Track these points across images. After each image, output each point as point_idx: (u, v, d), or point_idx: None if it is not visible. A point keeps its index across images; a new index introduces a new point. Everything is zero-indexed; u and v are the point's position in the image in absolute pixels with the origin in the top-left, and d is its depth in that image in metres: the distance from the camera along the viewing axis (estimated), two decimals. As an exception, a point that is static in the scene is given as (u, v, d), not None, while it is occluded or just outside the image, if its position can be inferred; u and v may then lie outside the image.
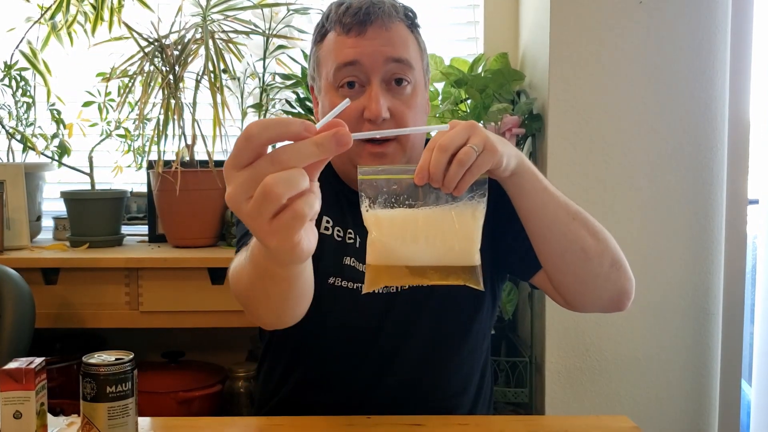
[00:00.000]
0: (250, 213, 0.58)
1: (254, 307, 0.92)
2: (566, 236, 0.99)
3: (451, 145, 0.82)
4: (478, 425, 1.04)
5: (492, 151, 0.85)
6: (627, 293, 1.07)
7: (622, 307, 1.08)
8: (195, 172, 1.76)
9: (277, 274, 0.77)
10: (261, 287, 0.83)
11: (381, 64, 1.05)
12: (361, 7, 1.06)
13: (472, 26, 2.20)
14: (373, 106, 1.04)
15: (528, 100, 1.84)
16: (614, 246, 1.04)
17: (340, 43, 1.07)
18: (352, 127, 1.04)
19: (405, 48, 1.08)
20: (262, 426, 1.07)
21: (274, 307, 0.89)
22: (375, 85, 1.05)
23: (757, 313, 1.95)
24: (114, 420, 0.88)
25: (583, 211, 1.01)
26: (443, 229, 0.85)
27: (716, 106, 1.75)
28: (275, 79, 1.93)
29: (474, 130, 0.85)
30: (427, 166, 0.81)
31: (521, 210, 0.99)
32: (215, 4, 1.73)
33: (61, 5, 1.88)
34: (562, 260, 1.02)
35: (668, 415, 1.79)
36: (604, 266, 1.02)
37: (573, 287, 1.05)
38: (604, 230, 1.03)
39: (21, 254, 1.79)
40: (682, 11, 1.73)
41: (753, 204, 1.88)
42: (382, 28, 1.06)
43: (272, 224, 0.58)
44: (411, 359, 1.13)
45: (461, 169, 0.81)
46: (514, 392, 1.84)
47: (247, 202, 0.57)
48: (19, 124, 1.99)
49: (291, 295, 0.85)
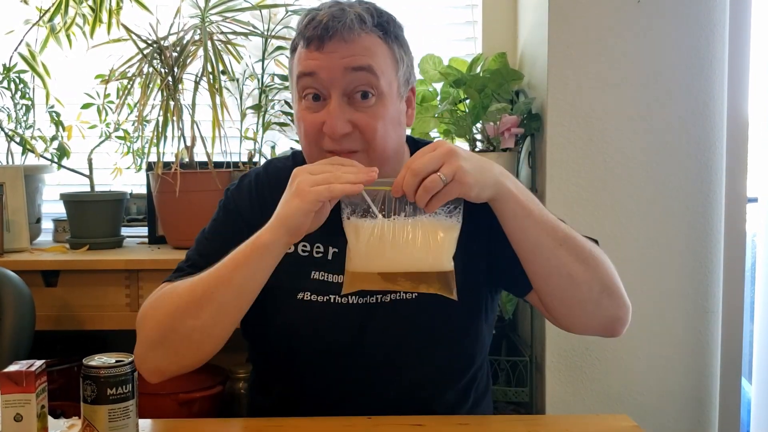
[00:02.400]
0: (305, 177, 0.92)
1: (202, 315, 0.99)
2: (550, 261, 1.00)
3: (422, 171, 0.89)
4: (478, 425, 1.04)
5: (461, 182, 0.89)
6: (620, 320, 1.07)
7: (616, 333, 1.08)
8: (194, 174, 1.76)
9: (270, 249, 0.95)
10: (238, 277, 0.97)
11: (339, 76, 1.02)
12: (322, 20, 1.02)
13: (470, 26, 2.20)
14: (330, 122, 1.02)
15: (527, 100, 1.84)
16: (606, 272, 1.03)
17: (303, 55, 1.05)
18: (314, 140, 1.07)
19: (369, 57, 1.03)
20: (261, 427, 1.07)
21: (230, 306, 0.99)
22: (334, 99, 1.02)
23: (756, 311, 1.95)
24: (115, 422, 0.88)
25: (574, 236, 1.00)
26: (417, 239, 0.92)
27: (715, 104, 1.75)
28: (274, 81, 1.93)
29: (449, 158, 0.90)
30: (401, 185, 0.90)
31: (506, 232, 1.01)
32: (214, 5, 1.73)
33: (59, 7, 1.88)
34: (547, 284, 1.03)
35: (668, 413, 1.79)
36: (593, 293, 1.01)
37: (560, 310, 1.06)
38: (597, 256, 1.02)
39: (21, 257, 1.79)
40: (681, 10, 1.73)
41: (752, 202, 1.88)
42: (341, 42, 1.02)
43: (310, 189, 0.90)
44: (392, 372, 1.10)
45: (427, 194, 0.89)
46: (515, 392, 1.84)
47: (306, 174, 0.93)
48: (19, 127, 1.99)
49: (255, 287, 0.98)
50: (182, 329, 0.99)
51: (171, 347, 1.01)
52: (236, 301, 0.98)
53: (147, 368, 1.02)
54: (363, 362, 1.10)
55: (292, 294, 1.09)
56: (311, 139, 1.06)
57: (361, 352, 1.10)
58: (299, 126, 1.08)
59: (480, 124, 1.86)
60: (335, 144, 1.03)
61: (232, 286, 0.97)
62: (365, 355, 1.10)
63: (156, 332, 1.01)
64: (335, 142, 1.03)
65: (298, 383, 1.14)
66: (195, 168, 1.78)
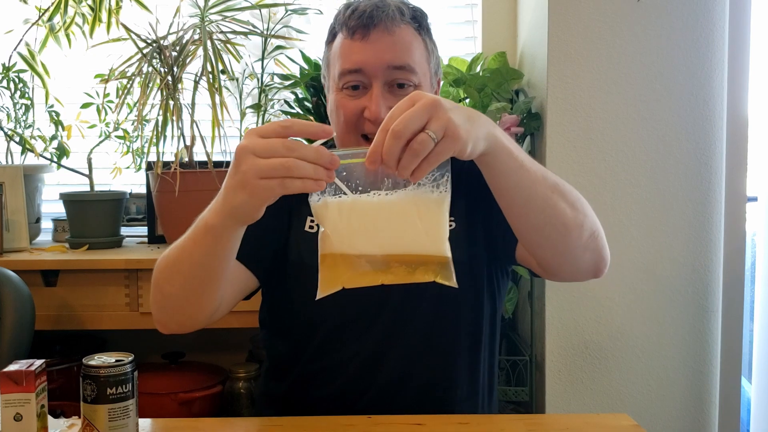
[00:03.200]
0: (252, 165, 0.78)
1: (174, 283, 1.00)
2: (545, 212, 0.95)
3: (406, 131, 0.75)
4: (478, 424, 1.04)
5: (454, 137, 0.77)
6: (605, 260, 1.06)
7: (599, 274, 1.07)
8: (194, 173, 1.75)
9: (212, 230, 0.90)
10: (191, 253, 0.95)
11: (382, 71, 1.08)
12: (366, 11, 1.08)
13: (470, 25, 2.20)
14: (373, 107, 1.07)
15: (526, 99, 1.84)
16: (592, 215, 1.02)
17: (346, 47, 1.10)
18: (354, 126, 1.10)
19: (408, 53, 1.09)
20: (262, 426, 1.07)
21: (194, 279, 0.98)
22: (376, 87, 1.08)
23: (756, 310, 1.95)
24: (114, 421, 0.88)
25: (561, 182, 0.98)
26: (402, 215, 0.78)
27: (714, 103, 1.75)
28: (274, 80, 1.93)
29: (435, 111, 0.77)
30: (380, 151, 0.76)
31: (495, 188, 0.94)
32: (213, 4, 1.73)
33: (59, 7, 1.88)
34: (540, 235, 0.99)
35: (668, 412, 1.79)
36: (583, 237, 1.00)
37: (552, 260, 1.04)
38: (581, 199, 1.01)
39: (20, 256, 1.79)
40: (680, 9, 1.73)
41: (752, 201, 1.88)
42: (385, 32, 1.08)
43: (258, 182, 0.78)
44: (407, 349, 1.14)
45: (416, 159, 0.76)
46: (515, 391, 1.84)
47: (253, 158, 0.78)
48: (18, 126, 1.99)
49: (212, 265, 0.95)
50: (165, 293, 1.02)
51: (161, 306, 1.05)
52: (202, 273, 0.97)
53: (154, 320, 1.07)
54: (380, 336, 1.13)
55: (314, 270, 1.10)
56: (351, 125, 1.10)
57: (379, 326, 1.13)
58: (337, 113, 1.12)
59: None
60: (375, 128, 1.04)
61: (194, 261, 0.97)
62: (383, 329, 1.13)
63: (153, 291, 1.05)
64: (376, 127, 1.05)
65: (318, 361, 1.16)
66: (194, 167, 1.78)
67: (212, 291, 1.01)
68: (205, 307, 1.03)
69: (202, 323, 1.06)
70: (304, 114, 1.90)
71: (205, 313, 1.04)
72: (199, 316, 1.04)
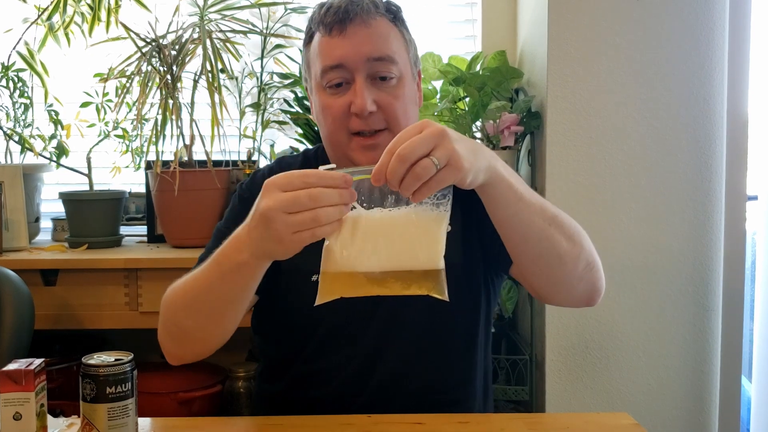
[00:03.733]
0: (283, 223, 0.81)
1: (194, 316, 1.01)
2: (541, 243, 0.98)
3: (411, 156, 0.78)
4: (478, 423, 1.04)
5: (456, 167, 0.80)
6: (598, 291, 1.08)
7: (593, 303, 1.09)
8: (193, 172, 1.75)
9: (245, 268, 0.91)
10: (216, 288, 0.96)
11: (363, 63, 1.09)
12: (341, 6, 1.09)
13: (470, 24, 2.20)
14: (358, 101, 1.08)
15: (526, 98, 1.84)
16: (589, 247, 1.04)
17: (324, 44, 1.11)
18: (341, 123, 1.10)
19: (386, 44, 1.10)
20: (261, 426, 1.07)
21: (216, 313, 0.99)
22: (359, 81, 1.09)
23: (756, 309, 1.95)
24: (114, 421, 0.88)
25: (560, 214, 1.00)
26: (403, 233, 0.82)
27: (715, 102, 1.75)
28: (273, 79, 1.93)
29: (441, 140, 0.80)
30: (384, 171, 0.80)
31: (493, 218, 0.97)
32: (212, 3, 1.73)
33: (58, 6, 1.88)
34: (536, 265, 1.03)
35: (669, 411, 1.79)
36: (578, 269, 1.02)
37: (546, 288, 1.07)
38: (580, 231, 1.03)
39: (20, 256, 1.79)
40: (680, 8, 1.73)
41: (752, 200, 1.88)
42: (362, 25, 1.09)
43: (292, 236, 0.82)
44: (402, 351, 1.14)
45: (417, 182, 0.79)
46: (515, 390, 1.84)
47: (283, 215, 0.81)
48: (17, 126, 1.99)
49: (238, 299, 0.97)
50: (182, 326, 1.04)
51: (177, 339, 1.06)
52: (228, 306, 0.99)
53: (165, 352, 1.08)
54: (375, 339, 1.13)
55: (307, 276, 1.11)
56: (339, 123, 1.10)
57: (373, 329, 1.13)
58: (324, 113, 1.12)
59: (480, 123, 1.86)
60: (363, 123, 1.08)
61: (222, 295, 0.98)
62: (378, 332, 1.13)
63: (165, 324, 1.06)
64: (363, 121, 1.08)
65: (312, 364, 1.16)
66: (194, 166, 1.78)
67: (235, 320, 1.02)
68: (226, 335, 1.05)
69: (219, 346, 1.07)
70: (303, 112, 1.89)
71: (223, 340, 1.05)
72: (218, 344, 1.06)
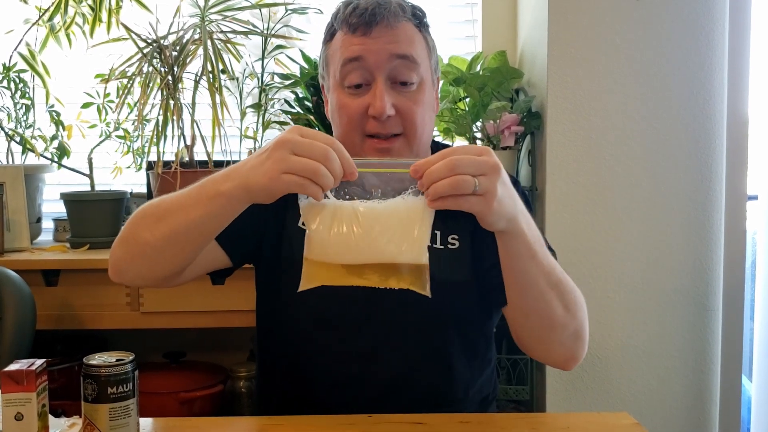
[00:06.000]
0: (282, 158, 0.81)
1: (152, 230, 0.98)
2: (538, 303, 0.99)
3: (460, 168, 0.81)
4: (479, 423, 1.04)
5: (487, 202, 0.83)
6: (576, 359, 1.08)
7: (567, 368, 1.11)
8: (195, 173, 1.75)
9: (221, 198, 0.90)
10: (185, 208, 0.94)
11: (385, 60, 1.07)
12: (368, 8, 1.08)
13: (470, 24, 2.20)
14: (377, 103, 1.06)
15: (527, 98, 1.84)
16: (582, 318, 1.04)
17: (347, 41, 1.09)
18: (357, 124, 1.09)
19: (410, 45, 1.09)
20: (263, 426, 1.07)
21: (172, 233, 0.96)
22: (379, 82, 1.07)
23: (757, 308, 1.95)
24: (115, 421, 0.88)
25: (565, 280, 1.01)
26: (386, 225, 0.82)
27: (715, 102, 1.75)
28: (274, 79, 1.93)
29: (491, 173, 0.83)
30: (427, 168, 0.82)
31: (503, 263, 0.98)
32: (213, 4, 1.73)
33: (59, 7, 1.88)
34: (525, 318, 1.04)
35: (669, 411, 1.79)
36: (564, 336, 1.03)
37: (528, 341, 1.08)
38: (579, 302, 1.03)
39: (21, 256, 1.79)
40: (680, 8, 1.73)
41: (752, 200, 1.88)
42: (387, 28, 1.08)
43: (281, 175, 0.82)
44: (403, 351, 1.13)
45: (449, 190, 0.81)
46: (515, 390, 1.84)
47: (287, 153, 0.81)
48: (19, 126, 1.99)
49: (199, 230, 0.95)
50: (139, 239, 1.00)
51: (129, 252, 1.03)
52: (190, 232, 0.97)
53: (110, 263, 1.05)
54: (372, 336, 1.12)
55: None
56: (355, 124, 1.09)
57: (370, 326, 1.12)
58: (340, 113, 1.11)
59: (480, 123, 1.86)
60: (379, 126, 1.07)
61: (189, 218, 0.95)
62: (375, 329, 1.12)
63: (124, 230, 1.04)
64: (380, 125, 1.07)
65: (310, 363, 1.15)
66: (195, 167, 1.78)
67: (189, 253, 1.00)
68: (173, 266, 1.02)
69: (160, 282, 1.05)
70: (304, 113, 1.90)
71: (169, 272, 1.03)
72: (163, 272, 1.03)
